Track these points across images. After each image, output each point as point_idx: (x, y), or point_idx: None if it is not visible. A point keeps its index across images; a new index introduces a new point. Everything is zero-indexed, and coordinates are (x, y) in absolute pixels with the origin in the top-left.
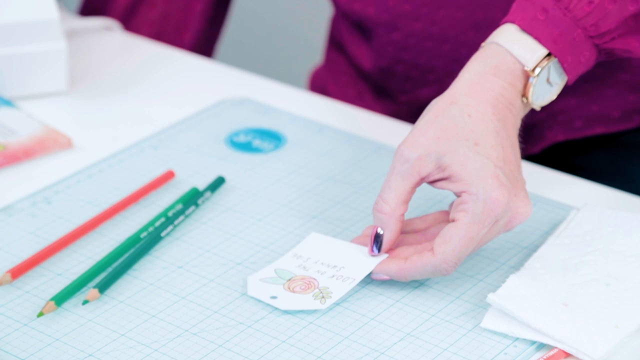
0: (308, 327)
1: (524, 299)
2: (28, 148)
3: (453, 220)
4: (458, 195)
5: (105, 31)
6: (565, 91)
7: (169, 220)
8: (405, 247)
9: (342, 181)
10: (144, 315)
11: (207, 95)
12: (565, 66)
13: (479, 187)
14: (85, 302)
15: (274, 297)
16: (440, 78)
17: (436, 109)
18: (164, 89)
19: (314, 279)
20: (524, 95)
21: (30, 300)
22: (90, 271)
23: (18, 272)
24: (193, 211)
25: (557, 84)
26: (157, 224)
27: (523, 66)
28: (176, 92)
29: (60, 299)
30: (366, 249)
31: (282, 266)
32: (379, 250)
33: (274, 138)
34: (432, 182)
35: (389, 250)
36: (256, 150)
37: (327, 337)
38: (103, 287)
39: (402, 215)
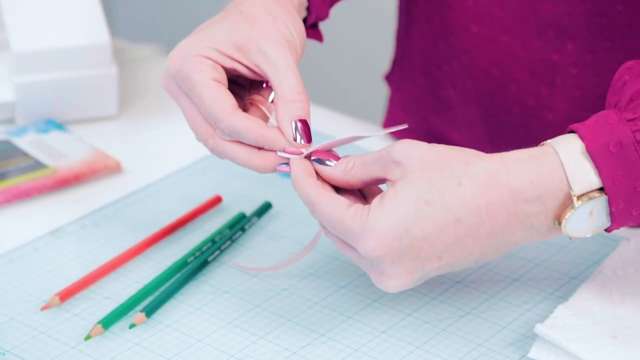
0: (353, 354)
1: (572, 330)
2: (78, 171)
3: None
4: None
5: (155, 56)
6: None
7: (215, 244)
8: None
9: None
10: (190, 339)
11: None
12: (612, 210)
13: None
14: (132, 325)
15: None
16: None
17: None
18: None
19: None
20: (558, 219)
21: (78, 323)
22: (138, 295)
23: (66, 295)
24: (240, 236)
25: (602, 222)
26: (204, 248)
27: (570, 190)
28: None
29: (107, 322)
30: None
31: None
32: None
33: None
34: None
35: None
36: None
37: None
38: (150, 311)
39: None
